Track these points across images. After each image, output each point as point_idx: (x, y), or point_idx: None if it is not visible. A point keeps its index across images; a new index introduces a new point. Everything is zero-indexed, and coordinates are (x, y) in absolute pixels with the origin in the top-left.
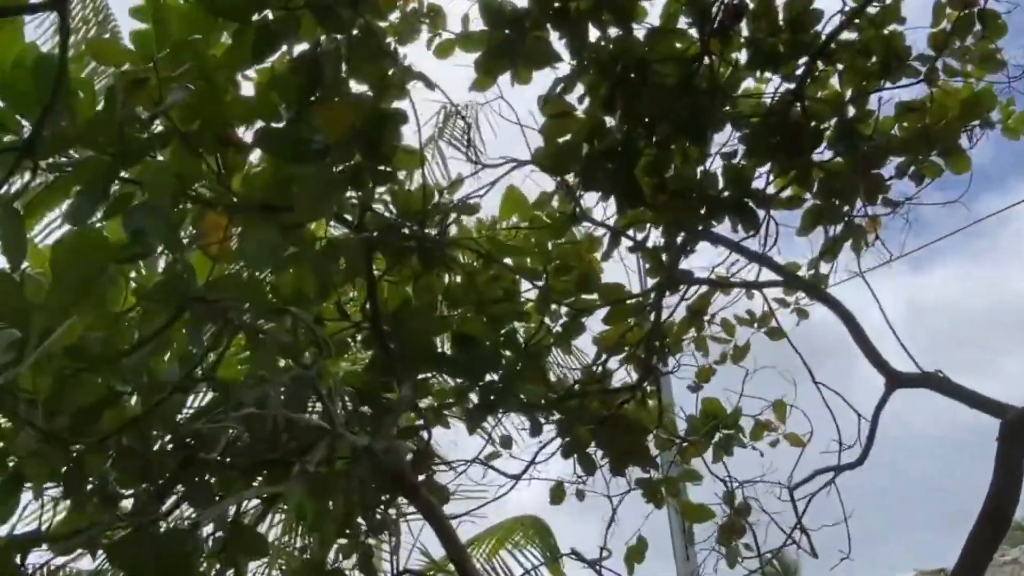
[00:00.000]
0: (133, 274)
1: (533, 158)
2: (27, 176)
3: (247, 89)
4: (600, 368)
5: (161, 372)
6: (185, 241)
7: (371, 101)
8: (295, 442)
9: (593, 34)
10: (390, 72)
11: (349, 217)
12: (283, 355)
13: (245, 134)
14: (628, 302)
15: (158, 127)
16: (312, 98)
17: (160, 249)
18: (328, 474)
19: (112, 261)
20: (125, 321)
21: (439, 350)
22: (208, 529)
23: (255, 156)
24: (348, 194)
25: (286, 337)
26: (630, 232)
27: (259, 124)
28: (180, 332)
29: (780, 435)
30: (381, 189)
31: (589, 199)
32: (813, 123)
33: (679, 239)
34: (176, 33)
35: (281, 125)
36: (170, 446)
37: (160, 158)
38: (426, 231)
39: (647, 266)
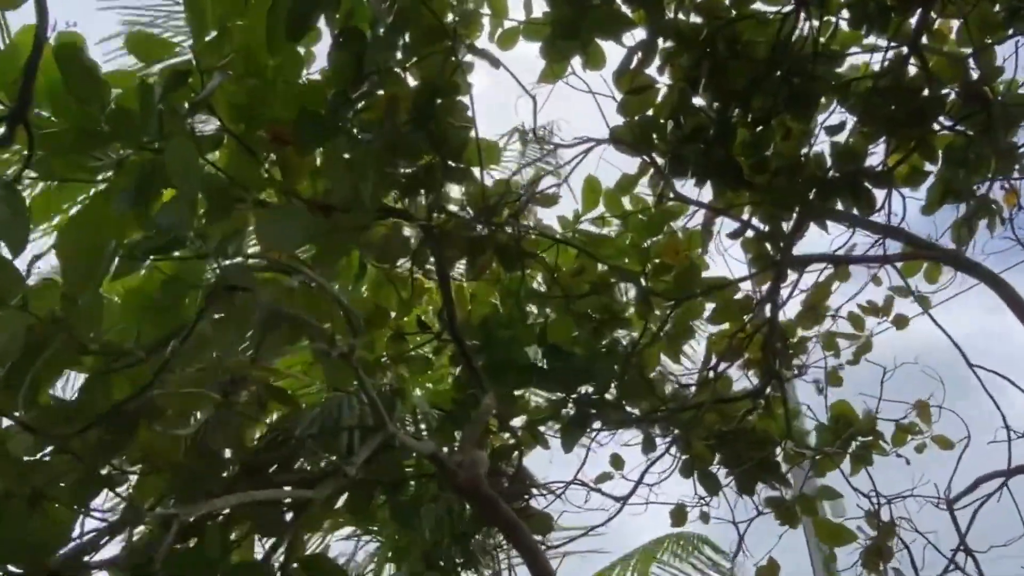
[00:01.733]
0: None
1: (612, 135)
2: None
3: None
4: (715, 374)
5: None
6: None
7: (429, 86)
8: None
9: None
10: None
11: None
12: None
13: None
14: (736, 297)
15: (206, 126)
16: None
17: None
18: (411, 499)
19: (116, 236)
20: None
21: (531, 361)
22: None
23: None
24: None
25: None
26: (727, 215)
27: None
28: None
29: (927, 439)
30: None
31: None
32: (932, 86)
33: (788, 222)
34: (216, 21)
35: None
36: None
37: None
38: (504, 228)
39: (749, 256)
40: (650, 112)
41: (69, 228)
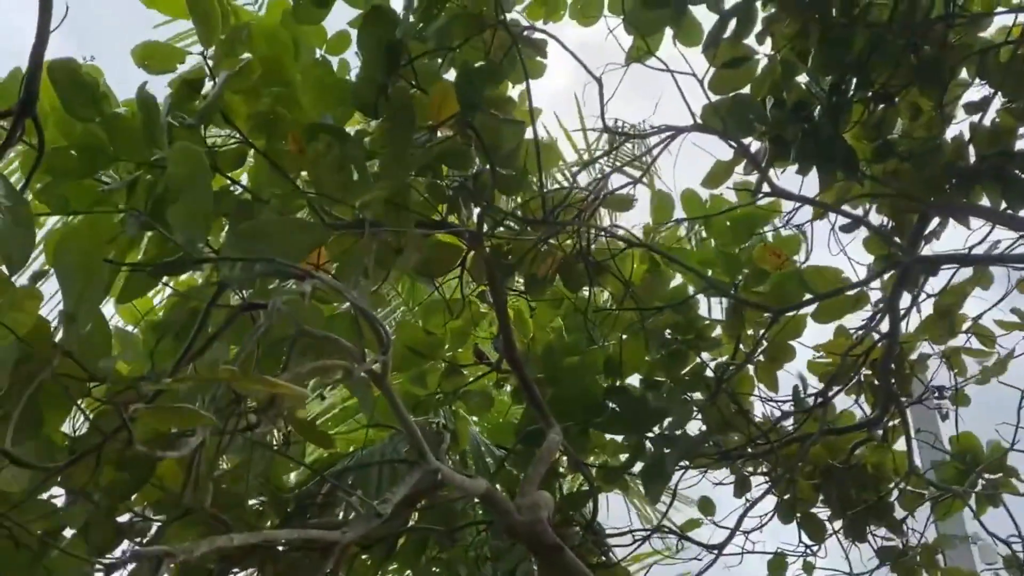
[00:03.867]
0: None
1: (700, 118)
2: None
3: None
4: (824, 399)
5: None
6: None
7: (472, 74)
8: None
9: None
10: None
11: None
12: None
13: None
14: (849, 293)
15: (222, 139)
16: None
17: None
18: (467, 550)
19: (109, 246)
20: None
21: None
22: None
23: None
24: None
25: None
26: (839, 212)
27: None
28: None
29: None
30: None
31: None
32: None
33: (916, 216)
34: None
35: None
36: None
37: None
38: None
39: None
40: (747, 89)
41: (66, 240)
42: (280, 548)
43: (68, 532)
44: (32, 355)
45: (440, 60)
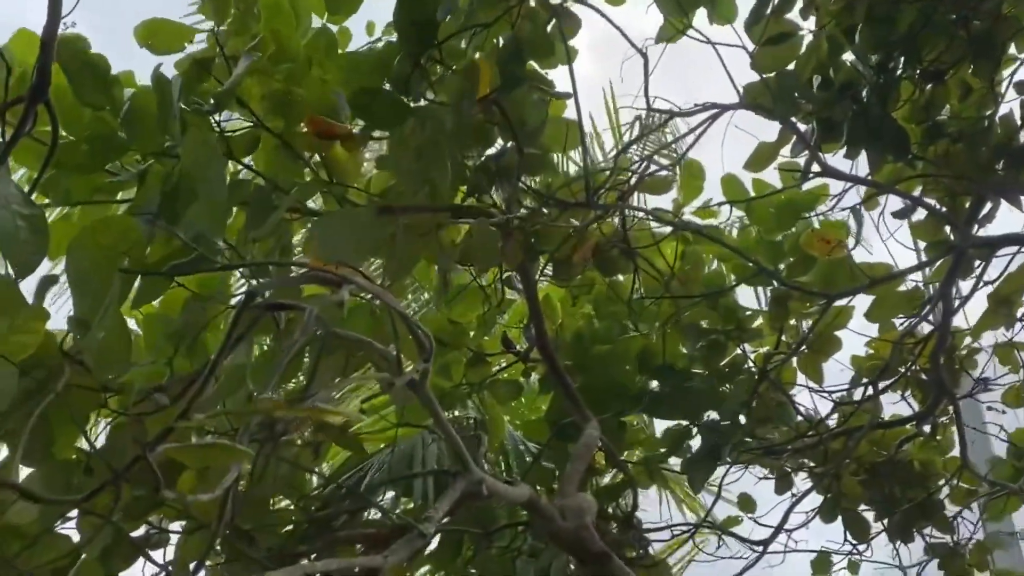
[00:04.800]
0: None
1: (744, 96)
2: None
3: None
4: (874, 392)
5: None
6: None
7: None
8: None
9: None
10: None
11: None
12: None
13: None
14: (901, 288)
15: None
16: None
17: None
18: (505, 551)
19: (130, 245)
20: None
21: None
22: None
23: None
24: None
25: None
26: (893, 192)
27: None
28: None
29: None
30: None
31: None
32: None
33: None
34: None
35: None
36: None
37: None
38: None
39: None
40: (791, 66)
41: (79, 242)
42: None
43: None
44: (39, 363)
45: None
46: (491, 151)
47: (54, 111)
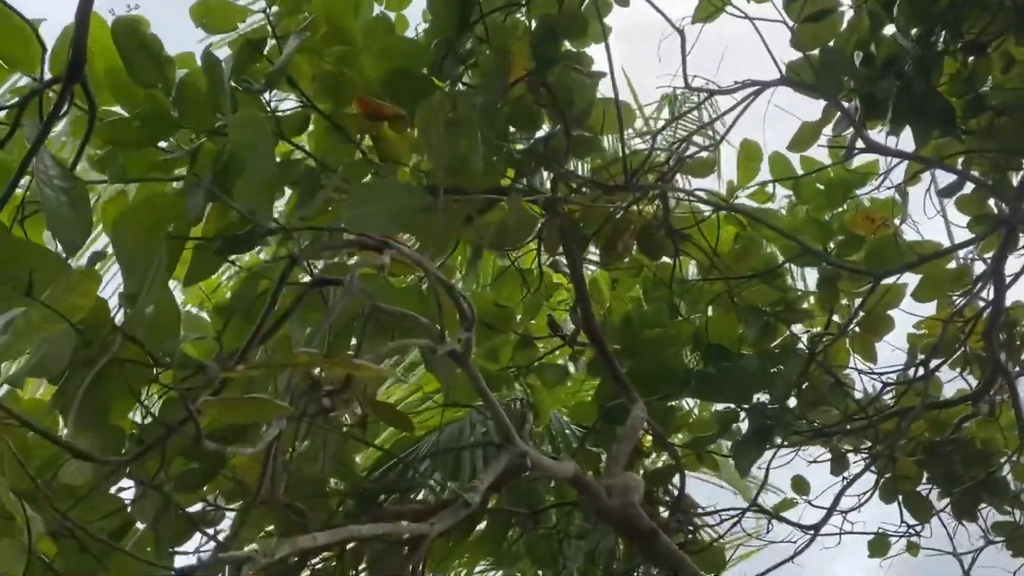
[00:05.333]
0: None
1: (786, 73)
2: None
3: None
4: (926, 372)
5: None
6: None
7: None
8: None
9: None
10: None
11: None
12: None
13: None
14: (948, 266)
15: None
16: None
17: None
18: (552, 532)
19: (172, 220)
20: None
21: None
22: None
23: None
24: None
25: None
26: (940, 167)
27: None
28: None
29: None
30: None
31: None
32: None
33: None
34: None
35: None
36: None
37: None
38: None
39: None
40: (832, 43)
41: (125, 218)
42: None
43: (140, 525)
44: (92, 340)
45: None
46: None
47: (91, 91)
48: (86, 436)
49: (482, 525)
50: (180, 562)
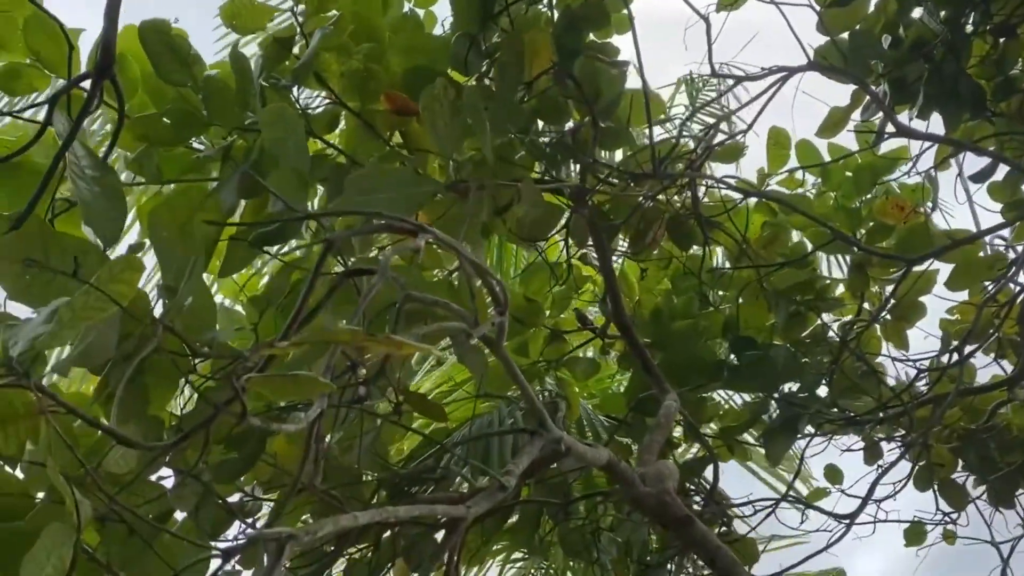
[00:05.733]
0: None
1: (814, 58)
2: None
3: None
4: (960, 358)
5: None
6: None
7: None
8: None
9: None
10: None
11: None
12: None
13: None
14: (979, 255)
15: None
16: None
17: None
18: (584, 523)
19: (206, 217)
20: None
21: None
22: None
23: None
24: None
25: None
26: (972, 150)
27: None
28: None
29: None
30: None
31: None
32: None
33: None
34: None
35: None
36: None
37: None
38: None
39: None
40: (859, 27)
41: (161, 211)
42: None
43: (178, 516)
44: (132, 331)
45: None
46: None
47: (120, 87)
48: (128, 426)
49: (514, 518)
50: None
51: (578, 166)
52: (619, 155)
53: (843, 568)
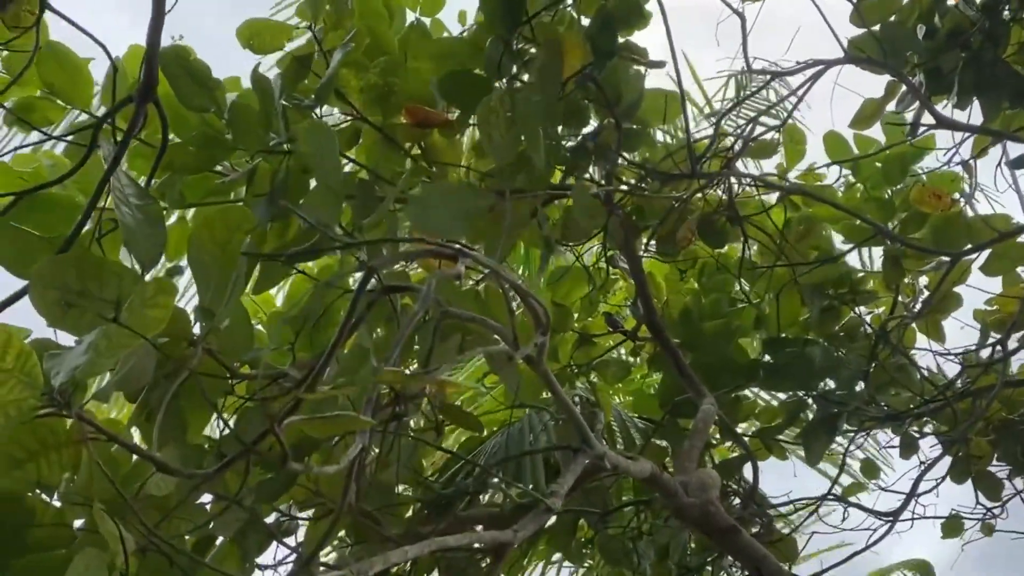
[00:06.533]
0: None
1: (849, 50)
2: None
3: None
4: (1003, 351)
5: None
6: None
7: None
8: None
9: None
10: None
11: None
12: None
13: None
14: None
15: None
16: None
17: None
18: (624, 530)
19: (245, 235)
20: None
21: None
22: None
23: None
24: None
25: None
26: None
27: None
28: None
29: None
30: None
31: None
32: None
33: None
34: None
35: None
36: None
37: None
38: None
39: None
40: (893, 17)
41: (200, 232)
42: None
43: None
44: (171, 353)
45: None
46: (588, 129)
47: (163, 110)
48: (168, 449)
49: (552, 520)
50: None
51: (604, 167)
52: (644, 155)
53: (928, 561)
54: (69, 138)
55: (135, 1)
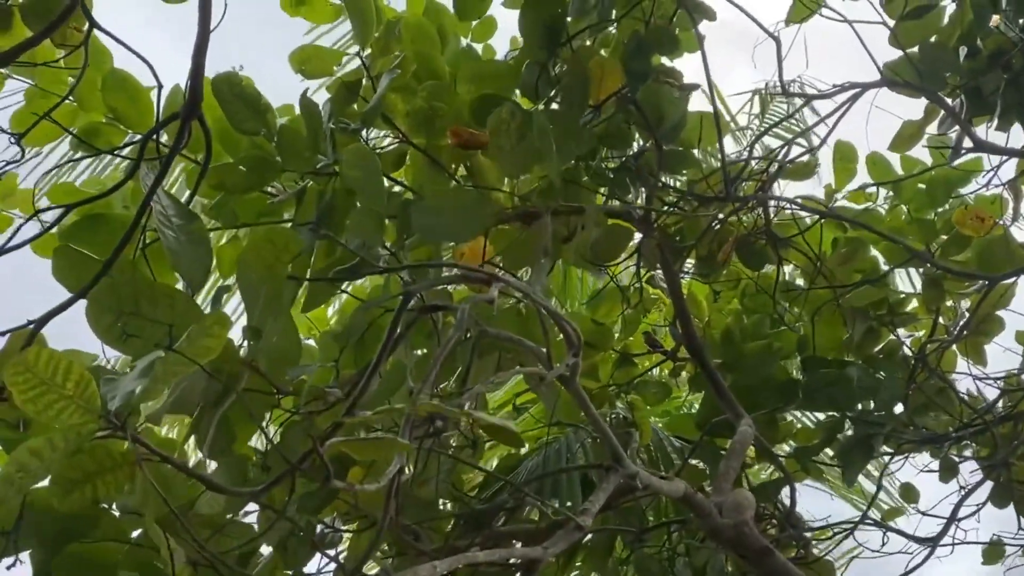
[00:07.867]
0: None
1: (886, 72)
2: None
3: None
4: None
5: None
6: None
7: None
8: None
9: None
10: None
11: None
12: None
13: None
14: None
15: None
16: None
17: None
18: (659, 551)
19: (292, 256)
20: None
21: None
22: None
23: None
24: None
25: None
26: None
27: None
28: None
29: None
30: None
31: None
32: None
33: None
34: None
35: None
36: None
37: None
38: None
39: None
40: (934, 39)
41: (248, 254)
42: None
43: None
44: (220, 369)
45: (592, 39)
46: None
47: (207, 125)
48: (216, 467)
49: (587, 537)
50: None
51: (644, 190)
52: (688, 176)
53: None
54: (123, 154)
55: (177, 19)
